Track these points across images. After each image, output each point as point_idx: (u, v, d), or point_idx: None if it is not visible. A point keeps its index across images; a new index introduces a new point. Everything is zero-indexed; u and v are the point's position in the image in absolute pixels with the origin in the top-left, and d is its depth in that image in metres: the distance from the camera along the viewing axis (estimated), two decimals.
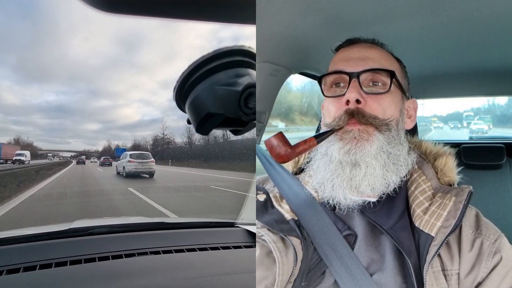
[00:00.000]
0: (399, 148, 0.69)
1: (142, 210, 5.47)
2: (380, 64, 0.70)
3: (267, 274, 0.66)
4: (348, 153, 0.66)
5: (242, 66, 0.42)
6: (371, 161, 0.66)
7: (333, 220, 0.69)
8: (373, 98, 0.68)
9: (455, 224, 0.64)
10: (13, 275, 0.93)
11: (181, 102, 0.43)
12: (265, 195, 0.74)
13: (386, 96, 0.69)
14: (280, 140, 0.64)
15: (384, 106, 0.68)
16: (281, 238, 0.68)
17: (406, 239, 0.66)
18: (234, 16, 0.35)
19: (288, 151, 0.64)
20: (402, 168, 0.69)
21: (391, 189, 0.68)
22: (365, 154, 0.66)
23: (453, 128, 14.06)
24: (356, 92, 0.67)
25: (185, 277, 0.94)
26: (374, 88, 0.69)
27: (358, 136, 0.66)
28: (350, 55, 0.72)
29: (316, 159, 0.72)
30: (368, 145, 0.66)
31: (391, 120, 0.69)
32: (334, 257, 0.66)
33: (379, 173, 0.66)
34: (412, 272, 0.63)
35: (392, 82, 0.69)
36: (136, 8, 0.33)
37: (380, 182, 0.67)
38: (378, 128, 0.67)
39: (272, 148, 0.65)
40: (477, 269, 0.64)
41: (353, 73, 0.68)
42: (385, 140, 0.67)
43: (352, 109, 0.67)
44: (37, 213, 5.14)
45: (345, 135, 0.67)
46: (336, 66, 0.72)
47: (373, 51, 0.72)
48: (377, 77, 0.69)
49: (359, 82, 0.68)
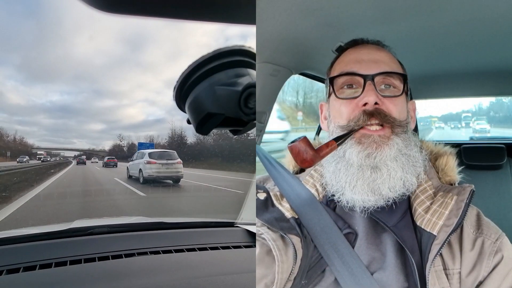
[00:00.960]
0: (415, 150, 0.70)
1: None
2: (391, 67, 0.71)
3: (267, 273, 0.66)
4: (368, 157, 0.67)
5: (242, 66, 0.42)
6: (391, 164, 0.67)
7: (333, 219, 0.70)
8: (389, 100, 0.69)
9: (457, 222, 0.64)
10: (13, 275, 0.93)
11: (181, 102, 0.43)
12: (265, 194, 0.74)
13: (399, 99, 0.70)
14: (306, 145, 0.65)
15: (399, 108, 0.69)
16: (281, 236, 0.68)
17: (409, 238, 0.67)
18: (234, 16, 0.35)
19: (315, 155, 0.65)
20: (421, 169, 0.70)
21: (411, 190, 0.69)
22: (385, 157, 0.67)
23: (454, 128, 14.19)
24: (374, 94, 0.68)
25: (185, 277, 0.94)
26: (388, 91, 0.70)
27: (379, 141, 0.67)
28: (361, 57, 0.72)
29: (332, 161, 0.71)
30: (387, 148, 0.67)
31: (406, 122, 0.70)
32: (334, 256, 0.66)
33: (400, 176, 0.67)
34: (416, 270, 0.63)
35: (405, 86, 0.70)
36: (136, 8, 0.33)
37: (400, 184, 0.67)
38: (394, 130, 0.68)
39: (299, 153, 0.65)
40: (478, 268, 0.64)
41: (368, 75, 0.69)
42: (402, 143, 0.68)
43: (371, 110, 0.68)
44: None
45: (364, 139, 0.68)
46: (348, 67, 0.72)
47: (383, 54, 0.73)
48: (389, 80, 0.70)
49: (374, 85, 0.68)
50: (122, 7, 0.32)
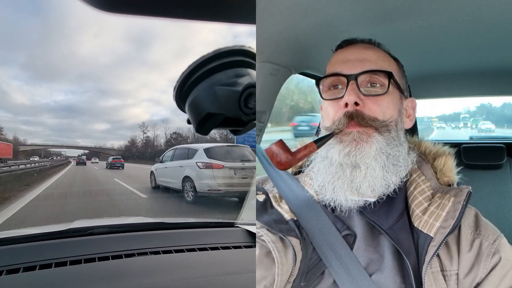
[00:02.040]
0: (399, 149, 0.69)
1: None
2: (377, 65, 0.70)
3: (266, 274, 0.66)
4: (348, 155, 0.67)
5: (242, 66, 0.42)
6: (370, 163, 0.66)
7: (332, 221, 0.69)
8: (372, 100, 0.68)
9: (454, 224, 0.64)
10: (13, 275, 0.93)
11: (181, 102, 0.43)
12: (264, 195, 0.74)
13: (384, 97, 0.69)
14: (280, 148, 0.65)
15: (383, 107, 0.68)
16: (280, 238, 0.68)
17: (405, 240, 0.66)
18: (234, 16, 0.35)
19: (289, 158, 0.65)
20: (402, 169, 0.69)
21: (391, 190, 0.68)
22: (365, 155, 0.66)
23: (455, 128, 14.33)
24: (354, 94, 0.67)
25: (185, 277, 0.94)
26: (372, 90, 0.69)
27: (358, 138, 0.67)
28: (347, 57, 0.72)
29: (317, 162, 0.72)
30: (367, 146, 0.67)
31: (391, 121, 0.69)
32: (333, 257, 0.66)
33: (379, 174, 0.67)
34: (411, 272, 0.63)
35: (390, 82, 0.69)
36: (136, 8, 0.33)
37: (380, 183, 0.67)
38: (378, 129, 0.67)
39: (273, 155, 0.65)
40: (476, 270, 0.64)
41: (350, 75, 0.68)
42: (384, 141, 0.67)
43: (351, 112, 0.67)
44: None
45: (344, 137, 0.67)
46: (333, 68, 0.72)
47: (370, 52, 0.72)
48: (375, 78, 0.69)
49: (357, 84, 0.67)
50: (122, 7, 0.32)
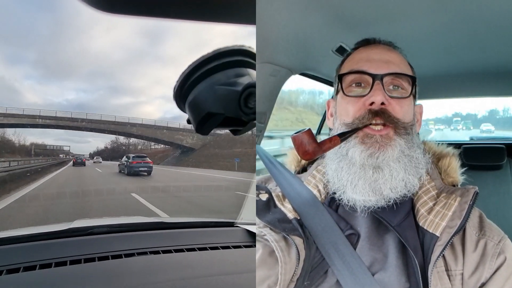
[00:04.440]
0: (418, 151, 0.70)
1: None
2: (401, 69, 0.71)
3: (270, 274, 0.66)
4: (371, 156, 0.67)
5: (242, 66, 0.42)
6: (394, 165, 0.67)
7: (335, 220, 0.70)
8: (396, 101, 0.69)
9: (460, 224, 0.64)
10: (13, 275, 0.93)
11: (181, 102, 0.43)
12: (267, 194, 0.74)
13: (406, 101, 0.70)
14: (309, 137, 0.65)
15: (405, 110, 0.69)
16: (284, 237, 0.68)
17: (412, 238, 0.67)
18: (234, 16, 0.35)
19: (316, 148, 0.65)
20: (423, 171, 0.70)
21: (413, 192, 0.68)
22: (388, 158, 0.67)
23: (453, 130, 14.50)
24: (381, 94, 0.68)
25: (185, 277, 0.94)
26: (396, 92, 0.70)
27: (381, 141, 0.67)
28: (372, 56, 0.72)
29: (335, 159, 0.71)
30: (390, 149, 0.67)
31: (411, 124, 0.70)
32: (336, 257, 0.66)
33: (402, 177, 0.67)
34: (418, 270, 0.63)
35: (413, 87, 0.70)
36: (136, 8, 0.33)
37: (402, 185, 0.67)
38: (398, 132, 0.68)
39: (302, 144, 0.65)
40: (481, 270, 0.64)
41: (377, 75, 0.69)
42: (405, 144, 0.68)
43: (376, 110, 0.68)
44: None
45: (367, 140, 0.68)
46: (358, 65, 0.72)
47: (394, 55, 0.73)
48: (398, 81, 0.70)
49: (382, 85, 0.68)
50: (122, 8, 0.32)
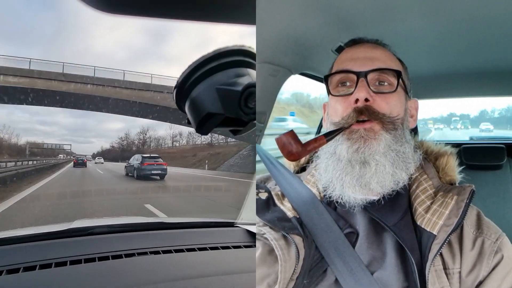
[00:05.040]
0: (406, 146, 0.70)
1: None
2: (386, 64, 0.71)
3: (270, 272, 0.66)
4: (357, 151, 0.67)
5: (242, 66, 0.42)
6: (380, 159, 0.67)
7: (334, 218, 0.70)
8: (381, 97, 0.69)
9: (457, 222, 0.64)
10: (13, 275, 0.93)
11: (181, 102, 0.43)
12: (267, 193, 0.74)
13: (393, 96, 0.69)
14: (291, 138, 0.65)
15: (391, 105, 0.69)
16: (283, 236, 0.68)
17: (409, 237, 0.67)
18: (234, 16, 0.35)
19: (299, 149, 0.65)
20: (411, 166, 0.70)
21: (401, 186, 0.68)
22: (374, 152, 0.67)
23: (453, 129, 14.53)
24: (365, 91, 0.68)
25: (185, 277, 0.94)
26: (381, 88, 0.70)
27: (365, 135, 0.67)
28: (356, 55, 0.72)
29: (324, 158, 0.72)
30: (375, 143, 0.67)
31: (398, 119, 0.70)
32: (335, 255, 0.66)
33: (389, 171, 0.67)
34: (416, 269, 0.63)
35: (399, 81, 0.70)
36: (136, 8, 0.33)
37: (390, 179, 0.67)
38: (385, 127, 0.68)
39: (284, 146, 0.65)
40: (478, 268, 0.64)
41: (360, 72, 0.69)
42: (392, 138, 0.68)
43: (361, 107, 0.68)
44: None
45: (352, 135, 0.68)
46: (343, 65, 0.72)
47: (379, 51, 0.73)
48: (383, 76, 0.70)
49: (367, 82, 0.68)
50: (122, 8, 0.32)
